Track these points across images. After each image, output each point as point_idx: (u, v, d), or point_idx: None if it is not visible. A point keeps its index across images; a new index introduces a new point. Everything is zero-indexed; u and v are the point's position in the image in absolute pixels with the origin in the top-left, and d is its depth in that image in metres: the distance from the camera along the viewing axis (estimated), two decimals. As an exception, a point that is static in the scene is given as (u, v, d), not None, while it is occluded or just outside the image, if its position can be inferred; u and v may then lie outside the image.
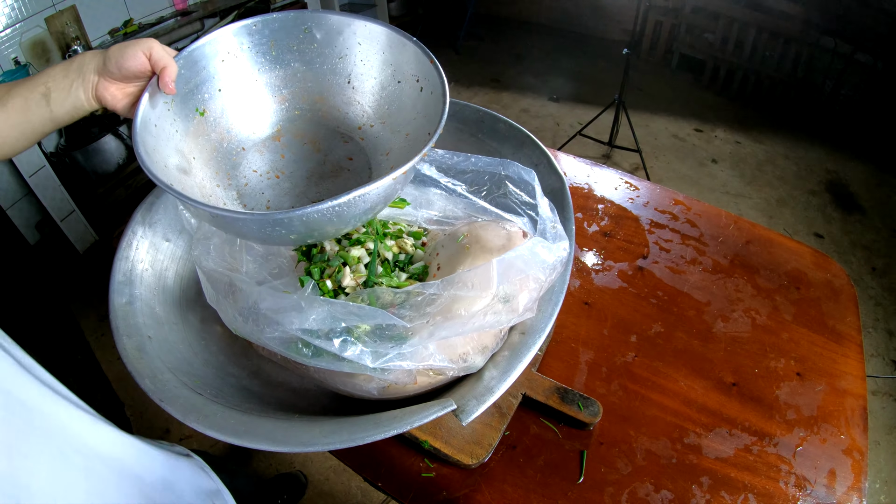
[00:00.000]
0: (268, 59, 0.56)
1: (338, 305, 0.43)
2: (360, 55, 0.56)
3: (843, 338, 0.69)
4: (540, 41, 3.73)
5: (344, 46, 0.55)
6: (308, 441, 0.41)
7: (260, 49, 0.55)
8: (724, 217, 0.87)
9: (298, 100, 0.59)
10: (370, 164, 0.57)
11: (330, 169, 0.58)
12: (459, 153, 0.61)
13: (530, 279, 0.47)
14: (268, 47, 0.55)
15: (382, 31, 0.53)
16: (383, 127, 0.57)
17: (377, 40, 0.54)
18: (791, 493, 0.53)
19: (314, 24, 0.54)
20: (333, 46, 0.56)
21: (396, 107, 0.55)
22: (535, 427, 0.59)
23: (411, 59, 0.51)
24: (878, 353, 1.61)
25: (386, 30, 0.53)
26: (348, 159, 0.58)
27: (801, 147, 2.55)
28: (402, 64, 0.53)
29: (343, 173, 0.57)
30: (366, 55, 0.55)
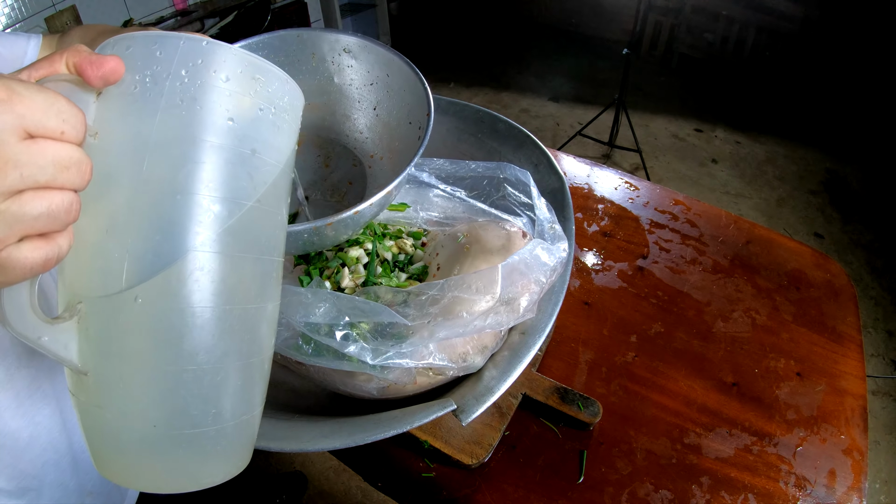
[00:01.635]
0: (307, 67, 0.58)
1: (344, 299, 0.43)
2: (389, 87, 0.59)
3: (843, 338, 0.69)
4: (540, 41, 3.73)
5: (374, 75, 0.59)
6: (308, 441, 0.41)
7: (301, 57, 0.57)
8: (724, 217, 0.87)
9: (327, 112, 0.62)
10: (364, 195, 0.59)
11: (328, 187, 0.61)
12: (457, 161, 0.61)
13: (531, 282, 0.47)
14: (309, 57, 0.57)
15: (410, 73, 0.56)
16: (390, 162, 0.60)
17: (406, 78, 0.56)
18: (791, 493, 0.53)
19: (352, 47, 0.58)
20: (367, 72, 0.59)
21: (402, 146, 0.58)
22: (535, 427, 0.59)
23: (423, 104, 0.53)
24: (878, 353, 1.61)
25: (412, 73, 0.56)
26: (348, 183, 0.61)
27: (801, 147, 2.55)
28: (414, 107, 0.56)
29: (336, 195, 0.61)
30: (393, 88, 0.59)
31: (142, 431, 0.29)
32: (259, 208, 0.30)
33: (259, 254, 0.31)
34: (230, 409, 0.31)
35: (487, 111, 0.74)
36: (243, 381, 0.32)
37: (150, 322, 0.27)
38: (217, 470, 0.32)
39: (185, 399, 0.29)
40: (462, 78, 3.23)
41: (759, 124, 2.70)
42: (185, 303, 0.27)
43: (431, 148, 0.72)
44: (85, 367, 0.28)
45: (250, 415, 0.33)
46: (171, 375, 0.28)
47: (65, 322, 0.27)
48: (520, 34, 3.83)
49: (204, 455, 0.31)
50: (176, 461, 0.30)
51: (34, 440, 0.44)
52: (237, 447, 0.33)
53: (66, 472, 0.47)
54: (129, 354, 0.28)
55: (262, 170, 0.30)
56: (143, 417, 0.28)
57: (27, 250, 0.22)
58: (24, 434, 0.43)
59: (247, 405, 0.33)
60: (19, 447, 0.43)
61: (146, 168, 0.26)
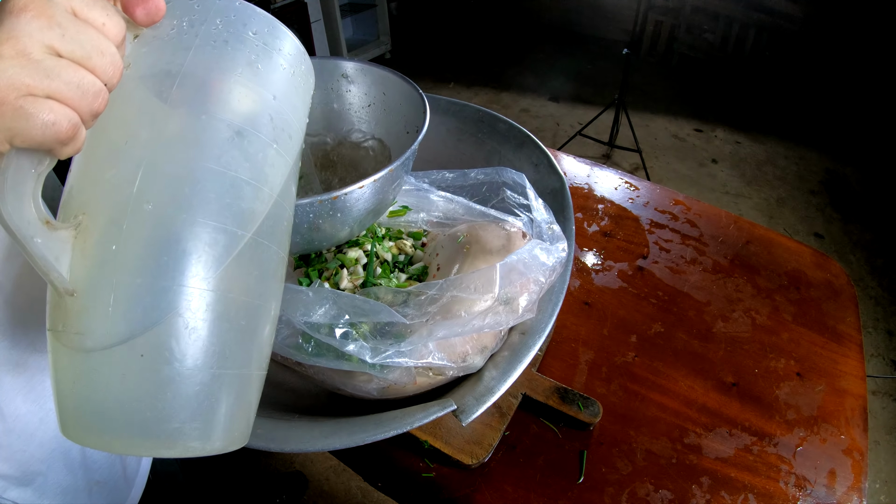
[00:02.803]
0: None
1: (344, 297, 0.43)
2: (386, 105, 0.61)
3: (843, 338, 0.69)
4: (540, 41, 3.73)
5: (372, 96, 0.61)
6: (308, 441, 0.41)
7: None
8: (724, 217, 0.87)
9: (330, 137, 0.64)
10: None
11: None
12: (455, 170, 0.62)
13: (530, 281, 0.47)
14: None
15: (406, 85, 0.57)
16: None
17: (401, 91, 0.58)
18: (791, 493, 0.53)
19: (349, 72, 0.60)
20: (364, 94, 0.62)
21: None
22: (535, 427, 0.59)
23: (419, 109, 0.55)
24: (878, 353, 1.61)
25: (408, 85, 0.57)
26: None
27: (801, 147, 2.55)
28: (411, 116, 0.57)
29: None
30: (390, 105, 0.61)
31: (125, 362, 0.25)
32: (276, 150, 0.32)
33: (278, 146, 0.32)
34: (233, 351, 0.28)
35: (487, 111, 0.74)
36: (253, 323, 0.29)
37: (159, 231, 0.26)
38: (206, 433, 0.27)
39: (184, 322, 0.26)
40: (462, 78, 3.23)
41: (759, 124, 2.70)
42: (200, 214, 0.27)
43: (432, 148, 0.73)
44: (73, 286, 0.25)
45: (252, 371, 0.30)
46: (172, 292, 0.26)
47: (63, 231, 0.25)
48: (520, 34, 3.83)
49: (192, 406, 0.26)
50: (158, 409, 0.26)
51: (44, 425, 0.44)
52: (234, 412, 0.29)
53: (75, 461, 0.47)
54: (128, 267, 0.25)
55: (281, 118, 0.32)
56: (131, 345, 0.25)
57: (50, 106, 0.23)
58: (34, 419, 0.43)
59: (252, 354, 0.29)
60: (28, 431, 0.43)
61: (174, 92, 0.28)
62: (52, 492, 0.45)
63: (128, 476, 0.55)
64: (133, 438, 0.26)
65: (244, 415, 0.30)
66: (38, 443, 0.44)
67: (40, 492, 0.44)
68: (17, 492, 0.42)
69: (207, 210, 0.27)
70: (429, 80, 3.18)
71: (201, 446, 0.27)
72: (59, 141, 0.23)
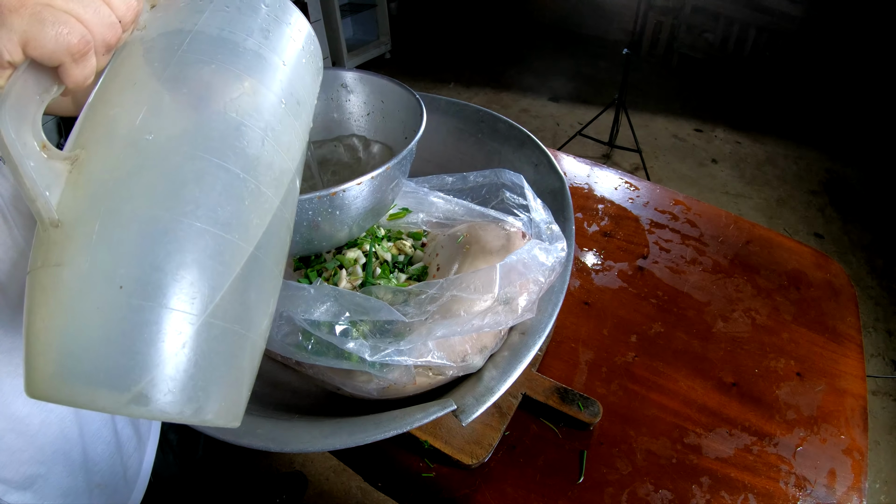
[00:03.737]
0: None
1: (345, 294, 0.43)
2: (384, 112, 0.63)
3: (843, 338, 0.69)
4: (540, 41, 3.73)
5: (371, 104, 0.63)
6: (308, 441, 0.41)
7: None
8: (724, 217, 0.87)
9: (332, 146, 0.65)
10: None
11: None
12: (454, 174, 0.62)
13: (530, 281, 0.47)
14: None
15: (403, 92, 0.59)
16: None
17: (399, 98, 0.60)
18: (791, 493, 0.53)
19: (348, 82, 0.62)
20: (363, 103, 0.64)
21: None
22: (535, 427, 0.59)
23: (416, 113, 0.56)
24: (878, 353, 1.61)
25: (405, 91, 0.59)
26: None
27: (801, 147, 2.55)
28: (409, 121, 0.59)
29: None
30: (388, 112, 0.62)
31: (102, 295, 0.23)
32: (285, 108, 0.33)
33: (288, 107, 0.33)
34: (226, 300, 0.25)
35: (488, 111, 0.74)
36: (251, 275, 0.27)
37: (157, 161, 0.25)
38: (185, 392, 0.24)
39: (170, 255, 0.24)
40: (462, 78, 3.23)
41: (759, 124, 2.70)
42: (202, 150, 0.26)
43: (432, 148, 0.73)
44: (59, 217, 0.24)
45: (247, 333, 0.27)
46: (163, 223, 0.24)
47: (58, 162, 0.25)
48: (520, 34, 3.83)
49: (171, 354, 0.23)
50: (132, 353, 0.23)
51: (45, 427, 0.44)
52: (221, 376, 0.25)
53: (76, 463, 0.47)
54: (120, 194, 0.24)
55: (290, 82, 0.34)
56: (110, 274, 0.23)
57: (66, 19, 0.23)
58: (36, 420, 0.43)
59: (248, 311, 0.27)
60: (29, 433, 0.43)
61: (186, 45, 0.29)
62: (53, 495, 0.45)
63: (128, 478, 0.55)
64: (100, 388, 0.22)
65: (233, 384, 0.27)
66: (38, 445, 0.44)
67: (40, 495, 0.44)
68: (16, 495, 0.42)
69: (210, 147, 0.27)
70: (429, 80, 3.18)
71: (178, 409, 0.24)
72: (69, 53, 0.24)
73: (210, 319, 0.25)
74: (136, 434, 0.56)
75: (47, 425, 0.44)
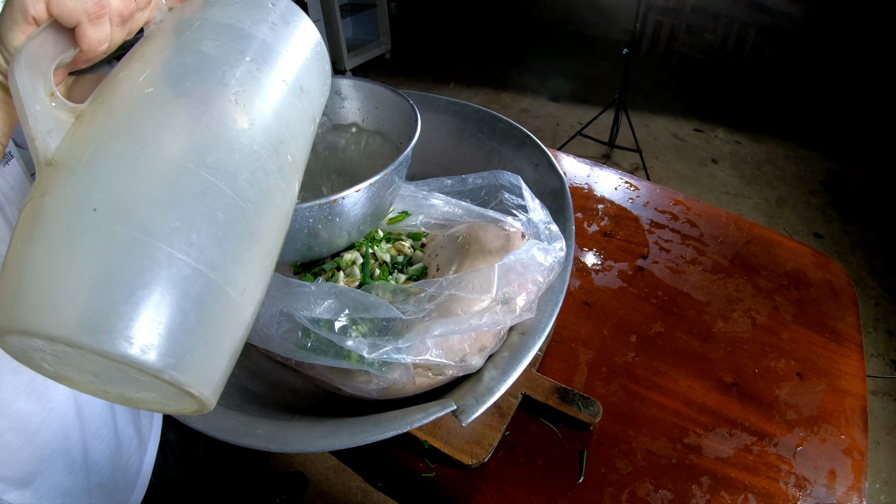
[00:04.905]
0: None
1: (346, 292, 0.43)
2: (378, 118, 0.63)
3: (843, 338, 0.69)
4: (540, 41, 3.73)
5: (365, 111, 0.64)
6: (308, 442, 0.41)
7: None
8: (724, 217, 0.87)
9: (331, 155, 0.66)
10: None
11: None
12: (453, 177, 0.63)
13: (528, 281, 0.47)
14: None
15: (396, 97, 0.60)
16: None
17: (393, 104, 0.61)
18: (791, 493, 0.53)
19: (342, 89, 0.63)
20: (357, 109, 0.65)
21: None
22: (535, 427, 0.59)
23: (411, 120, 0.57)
24: (878, 353, 1.61)
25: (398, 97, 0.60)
26: None
27: (801, 147, 2.55)
28: (403, 127, 0.59)
29: None
30: (382, 117, 0.63)
31: (74, 216, 0.22)
32: (286, 87, 0.35)
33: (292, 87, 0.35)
34: (205, 243, 0.24)
35: (487, 111, 0.74)
36: (234, 225, 0.26)
37: (153, 105, 0.27)
38: (147, 335, 0.22)
39: (148, 186, 0.23)
40: (462, 78, 3.23)
41: (759, 124, 2.70)
42: (193, 101, 0.28)
43: (432, 148, 0.73)
44: (54, 157, 0.25)
45: (227, 287, 0.25)
46: (146, 158, 0.25)
47: (63, 112, 0.26)
48: (520, 34, 3.83)
49: (138, 291, 0.22)
50: (96, 284, 0.21)
51: (45, 426, 0.44)
52: (194, 327, 0.23)
53: (76, 462, 0.47)
54: (109, 135, 0.25)
55: (294, 71, 0.36)
56: (85, 198, 0.23)
57: None
58: (36, 419, 0.43)
59: (228, 261, 0.25)
60: (29, 431, 0.43)
61: (196, 27, 0.32)
62: (52, 493, 0.45)
63: (129, 478, 0.55)
64: (63, 314, 0.21)
65: (208, 344, 0.24)
66: (38, 443, 0.44)
67: (40, 493, 0.44)
68: (16, 493, 0.42)
69: (205, 102, 0.28)
70: (429, 80, 3.18)
71: (141, 348, 0.21)
72: (86, 13, 0.26)
73: (184, 256, 0.23)
74: (138, 434, 0.56)
75: (47, 424, 0.44)
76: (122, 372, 0.23)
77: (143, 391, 0.26)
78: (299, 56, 0.37)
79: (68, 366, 0.25)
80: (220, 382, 0.26)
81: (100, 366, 0.23)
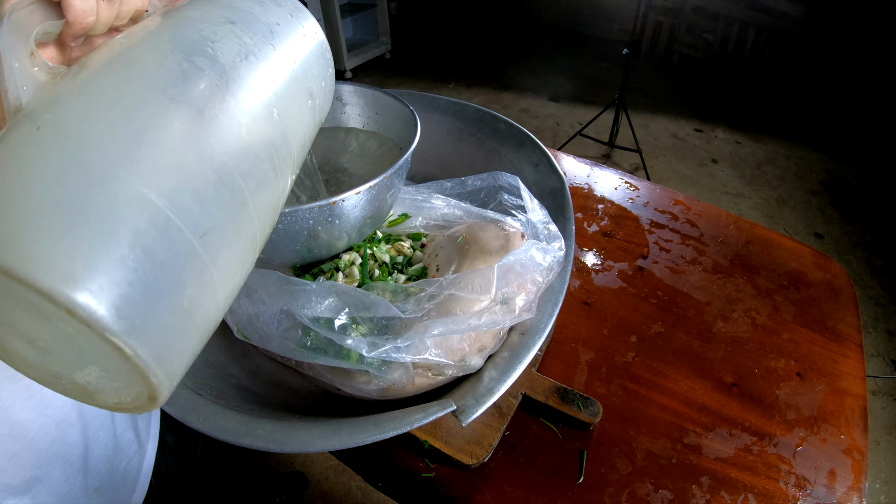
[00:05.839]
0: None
1: (346, 290, 0.43)
2: (379, 124, 0.64)
3: (843, 338, 0.69)
4: (540, 41, 3.73)
5: (366, 116, 0.65)
6: (308, 442, 0.41)
7: None
8: (724, 217, 0.87)
9: (332, 159, 0.66)
10: None
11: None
12: (452, 179, 0.63)
13: (528, 281, 0.47)
14: None
15: (397, 103, 0.60)
16: None
17: (393, 110, 0.62)
18: (791, 493, 0.53)
19: (343, 95, 0.64)
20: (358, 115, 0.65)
21: None
22: (535, 427, 0.59)
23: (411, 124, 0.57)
24: (878, 353, 1.61)
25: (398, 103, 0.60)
26: None
27: (801, 147, 2.55)
28: (403, 132, 0.60)
29: None
30: (382, 123, 0.64)
31: (20, 134, 0.21)
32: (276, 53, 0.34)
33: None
34: (168, 180, 0.21)
35: (488, 111, 0.74)
36: (208, 173, 0.24)
37: (129, 53, 0.26)
38: (96, 277, 0.18)
39: (107, 110, 0.22)
40: (462, 78, 3.23)
41: (759, 124, 2.70)
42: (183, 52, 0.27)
43: (432, 148, 0.73)
44: (24, 107, 0.24)
45: (194, 237, 0.22)
46: (122, 91, 0.24)
47: (42, 71, 0.25)
48: (520, 34, 3.83)
49: (84, 215, 0.19)
50: (36, 207, 0.18)
51: (42, 431, 0.44)
52: (156, 280, 0.20)
53: (74, 467, 0.47)
54: (85, 78, 0.24)
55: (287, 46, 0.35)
56: (36, 120, 0.21)
57: None
58: (33, 425, 0.43)
59: (202, 214, 0.22)
60: (27, 437, 0.43)
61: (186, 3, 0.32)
62: (51, 498, 0.45)
63: (128, 482, 0.55)
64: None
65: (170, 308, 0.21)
66: (35, 449, 0.44)
67: (38, 499, 0.44)
68: (14, 500, 0.42)
69: (187, 48, 0.28)
70: (429, 80, 3.18)
71: (86, 297, 0.18)
72: None
73: (145, 190, 0.20)
74: (136, 437, 0.56)
75: (45, 430, 0.44)
76: (59, 335, 0.19)
77: (86, 371, 0.22)
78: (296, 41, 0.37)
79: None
80: (179, 372, 0.22)
81: (32, 320, 0.19)
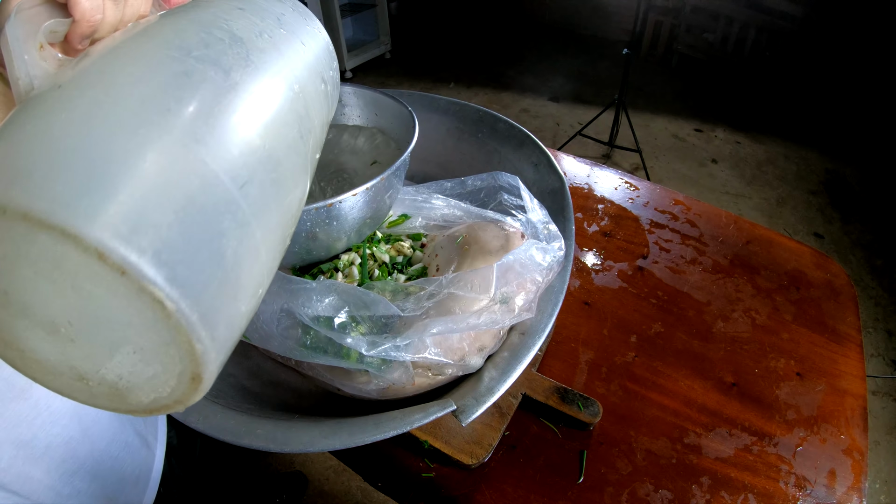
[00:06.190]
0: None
1: (346, 289, 0.44)
2: (378, 125, 0.65)
3: (843, 338, 0.69)
4: (540, 41, 3.73)
5: (365, 117, 0.66)
6: (308, 442, 0.41)
7: None
8: (724, 217, 0.87)
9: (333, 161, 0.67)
10: None
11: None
12: (452, 179, 0.63)
13: (527, 281, 0.47)
14: None
15: (396, 104, 0.61)
16: None
17: (392, 111, 0.62)
18: (791, 493, 0.53)
19: (342, 96, 0.64)
20: (357, 116, 0.66)
21: None
22: (535, 427, 0.59)
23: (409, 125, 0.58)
24: (878, 353, 1.61)
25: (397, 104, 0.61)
26: None
27: (801, 147, 2.55)
28: (402, 133, 0.60)
29: None
30: (381, 124, 0.65)
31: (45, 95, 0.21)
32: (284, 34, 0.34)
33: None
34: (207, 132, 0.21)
35: (488, 111, 0.74)
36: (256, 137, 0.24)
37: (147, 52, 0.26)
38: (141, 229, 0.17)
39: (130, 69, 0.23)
40: (462, 78, 3.23)
41: (759, 124, 2.70)
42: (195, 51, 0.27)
43: (432, 148, 0.73)
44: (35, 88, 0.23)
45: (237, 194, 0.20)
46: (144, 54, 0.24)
47: (52, 63, 0.25)
48: (520, 34, 3.83)
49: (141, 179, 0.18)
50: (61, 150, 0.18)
51: (51, 451, 0.44)
52: (200, 239, 0.18)
53: (84, 480, 0.47)
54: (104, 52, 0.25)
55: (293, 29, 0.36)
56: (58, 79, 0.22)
57: None
58: (41, 444, 0.43)
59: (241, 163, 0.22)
60: (35, 455, 0.43)
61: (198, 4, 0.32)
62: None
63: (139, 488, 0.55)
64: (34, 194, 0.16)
65: (215, 270, 0.19)
66: (45, 467, 0.43)
67: None
68: None
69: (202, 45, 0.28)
70: (429, 80, 3.18)
71: (129, 248, 0.16)
72: None
73: (179, 134, 0.20)
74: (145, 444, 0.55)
75: (53, 448, 0.44)
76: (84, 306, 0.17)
77: (117, 358, 0.19)
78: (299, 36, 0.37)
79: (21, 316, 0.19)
80: (226, 343, 0.21)
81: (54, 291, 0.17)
